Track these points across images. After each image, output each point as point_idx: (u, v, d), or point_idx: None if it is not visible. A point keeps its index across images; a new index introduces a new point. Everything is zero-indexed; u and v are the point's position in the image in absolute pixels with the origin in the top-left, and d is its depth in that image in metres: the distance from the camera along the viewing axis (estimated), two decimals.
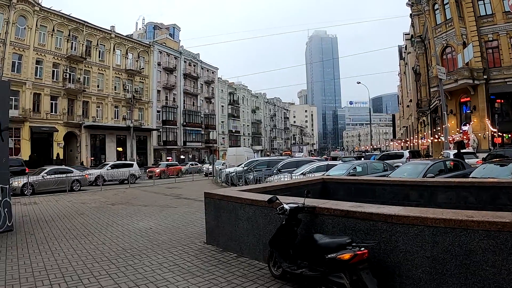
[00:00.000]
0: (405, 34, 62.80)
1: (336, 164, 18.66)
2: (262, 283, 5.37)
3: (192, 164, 47.20)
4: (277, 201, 5.54)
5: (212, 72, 78.90)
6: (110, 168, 28.98)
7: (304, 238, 5.22)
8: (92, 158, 45.77)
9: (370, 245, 4.32)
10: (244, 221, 6.69)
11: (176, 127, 63.42)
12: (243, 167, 24.06)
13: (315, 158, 35.91)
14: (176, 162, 43.25)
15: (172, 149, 62.57)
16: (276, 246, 5.34)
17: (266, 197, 6.14)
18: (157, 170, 34.83)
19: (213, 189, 10.14)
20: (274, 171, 20.87)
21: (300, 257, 5.04)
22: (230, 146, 70.46)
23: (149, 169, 34.68)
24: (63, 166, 26.96)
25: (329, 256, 4.25)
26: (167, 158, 59.60)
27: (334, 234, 4.97)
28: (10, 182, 10.16)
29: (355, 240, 4.44)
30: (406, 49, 61.26)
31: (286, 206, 5.22)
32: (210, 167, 38.01)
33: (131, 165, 30.25)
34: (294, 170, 19.89)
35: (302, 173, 18.00)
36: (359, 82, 57.16)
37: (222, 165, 35.76)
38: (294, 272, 4.90)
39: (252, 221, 6.53)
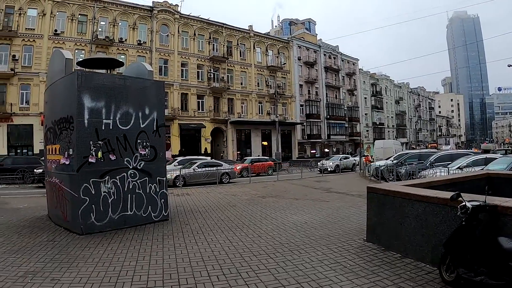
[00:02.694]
0: None
1: (496, 158, 17.23)
2: None
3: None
4: (460, 198, 4.97)
5: (353, 64, 77.03)
6: (177, 164, 26.64)
7: (483, 241, 4.62)
8: (238, 152, 48.28)
9: None
10: (412, 219, 6.19)
11: (319, 120, 63.53)
12: (392, 160, 23.53)
13: (474, 151, 31.83)
14: (266, 158, 39.12)
15: (316, 142, 62.92)
16: (452, 249, 4.89)
17: (439, 193, 5.91)
18: (238, 166, 31.03)
19: (365, 184, 9.33)
20: (427, 164, 19.97)
21: (477, 263, 4.55)
22: (374, 139, 69.12)
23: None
24: (213, 160, 28.01)
25: None
26: (311, 151, 60.61)
27: None
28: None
29: None
30: None
31: (468, 204, 4.76)
32: (326, 162, 35.73)
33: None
34: (448, 163, 18.72)
35: (458, 167, 17.11)
36: (510, 65, 49.63)
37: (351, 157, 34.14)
38: (472, 279, 4.44)
39: (420, 219, 6.02)
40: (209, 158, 30.78)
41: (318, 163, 36.18)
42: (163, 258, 6.46)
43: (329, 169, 33.53)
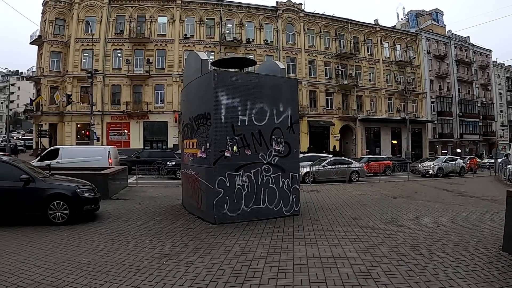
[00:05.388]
0: None
1: None
2: None
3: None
4: None
5: (486, 56, 69.29)
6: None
7: None
8: (367, 151, 47.06)
9: None
10: None
11: (451, 118, 58.81)
12: None
13: None
14: (385, 157, 35.64)
15: (448, 142, 58.47)
16: None
17: None
18: None
19: (500, 188, 8.52)
20: None
21: None
22: (510, 139, 62.36)
23: None
24: (343, 158, 27.90)
25: None
26: (442, 151, 55.82)
27: None
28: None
29: None
30: None
31: None
32: (428, 164, 29.93)
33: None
34: None
35: None
36: None
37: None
38: None
39: None
40: (331, 155, 30.30)
41: (418, 165, 31.03)
42: (294, 252, 6.59)
43: (430, 172, 27.80)
